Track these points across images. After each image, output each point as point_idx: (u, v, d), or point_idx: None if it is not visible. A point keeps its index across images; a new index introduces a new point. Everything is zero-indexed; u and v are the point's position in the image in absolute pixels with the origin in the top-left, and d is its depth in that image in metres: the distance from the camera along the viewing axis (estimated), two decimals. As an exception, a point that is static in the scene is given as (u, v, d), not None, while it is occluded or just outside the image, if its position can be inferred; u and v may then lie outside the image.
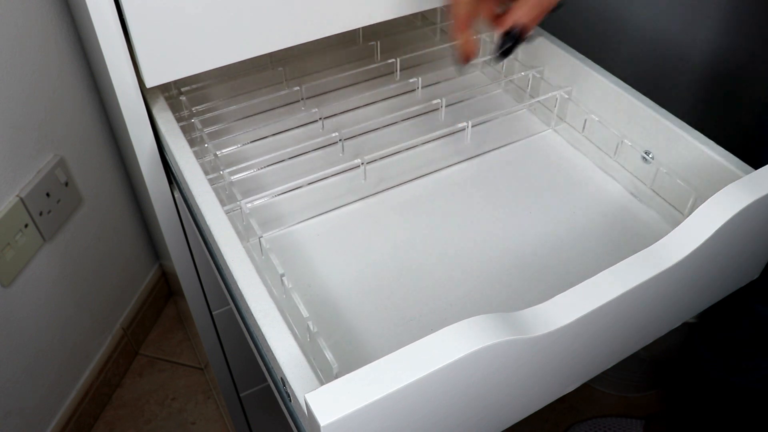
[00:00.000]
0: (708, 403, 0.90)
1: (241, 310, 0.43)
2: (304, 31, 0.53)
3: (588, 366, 0.43)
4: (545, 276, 0.49)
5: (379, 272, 0.50)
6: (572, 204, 0.55)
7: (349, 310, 0.47)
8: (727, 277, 0.48)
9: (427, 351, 0.31)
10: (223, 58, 0.51)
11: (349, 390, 0.30)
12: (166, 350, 1.19)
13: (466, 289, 0.48)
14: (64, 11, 0.83)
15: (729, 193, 0.41)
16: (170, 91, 0.64)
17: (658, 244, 0.39)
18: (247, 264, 0.41)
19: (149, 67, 0.49)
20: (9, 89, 0.77)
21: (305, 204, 0.56)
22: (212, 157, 0.56)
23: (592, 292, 0.36)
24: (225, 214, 0.45)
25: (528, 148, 0.61)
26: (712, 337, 0.83)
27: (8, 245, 0.80)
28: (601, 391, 1.11)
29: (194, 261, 0.65)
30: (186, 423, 1.08)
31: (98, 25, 0.47)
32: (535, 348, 0.35)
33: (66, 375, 0.99)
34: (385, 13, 0.55)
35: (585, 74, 0.59)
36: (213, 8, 0.48)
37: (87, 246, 0.98)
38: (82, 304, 0.99)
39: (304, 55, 0.72)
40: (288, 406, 0.38)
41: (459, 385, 0.33)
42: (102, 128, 0.97)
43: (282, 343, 0.36)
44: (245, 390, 0.84)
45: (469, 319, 0.32)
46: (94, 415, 1.07)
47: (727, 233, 0.40)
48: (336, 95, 0.68)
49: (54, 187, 0.87)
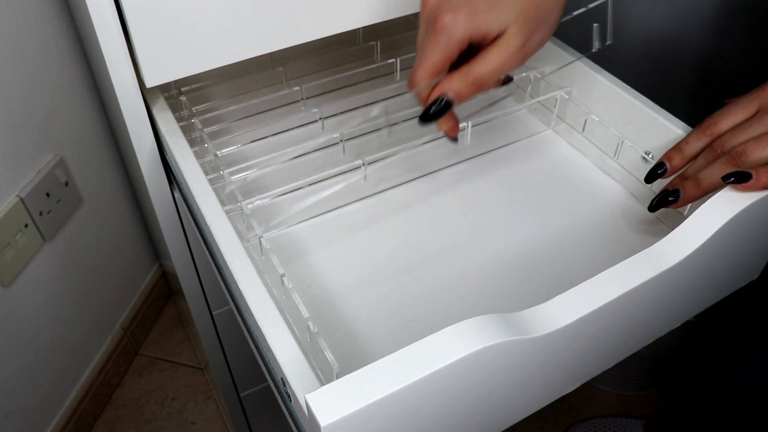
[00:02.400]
0: (708, 402, 0.90)
1: (241, 310, 0.43)
2: (304, 31, 0.53)
3: (588, 366, 0.43)
4: (545, 276, 0.49)
5: (380, 272, 0.50)
6: (572, 204, 0.55)
7: (349, 310, 0.47)
8: (727, 278, 0.48)
9: (428, 351, 0.31)
10: (223, 58, 0.51)
11: (350, 390, 0.30)
12: (166, 350, 1.19)
13: (466, 290, 0.48)
14: (64, 11, 0.83)
15: (729, 193, 0.41)
16: (170, 91, 0.64)
17: (658, 245, 0.39)
18: (247, 264, 0.41)
19: (149, 67, 0.49)
20: (9, 89, 0.77)
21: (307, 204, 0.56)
22: (212, 157, 0.56)
23: (592, 293, 0.36)
24: (225, 214, 0.45)
25: (528, 149, 0.61)
26: (713, 335, 0.83)
27: (8, 245, 0.80)
28: (601, 390, 1.11)
29: (194, 261, 0.65)
30: (186, 423, 1.08)
31: (98, 25, 0.47)
32: (535, 348, 0.35)
33: (66, 375, 0.99)
34: (386, 13, 0.55)
35: (585, 74, 0.59)
36: (213, 8, 0.48)
37: (87, 246, 0.98)
38: (82, 304, 0.99)
39: (304, 55, 0.72)
40: (288, 407, 0.38)
41: (459, 385, 0.33)
42: (102, 128, 0.97)
43: (282, 344, 0.36)
44: (245, 390, 0.84)
45: (469, 319, 0.32)
46: (94, 415, 1.07)
47: (727, 234, 0.40)
48: (336, 95, 0.68)
49: (54, 187, 0.87)
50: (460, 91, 0.43)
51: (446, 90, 0.44)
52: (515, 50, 0.43)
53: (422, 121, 0.45)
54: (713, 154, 0.45)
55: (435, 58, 0.43)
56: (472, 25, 0.42)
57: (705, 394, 0.90)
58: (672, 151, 0.48)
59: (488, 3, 0.42)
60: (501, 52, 0.43)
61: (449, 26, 0.42)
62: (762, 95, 0.45)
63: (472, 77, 0.43)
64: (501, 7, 0.42)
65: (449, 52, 0.43)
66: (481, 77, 0.43)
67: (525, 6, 0.42)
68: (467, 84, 0.43)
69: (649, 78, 0.89)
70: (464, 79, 0.43)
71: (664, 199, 0.47)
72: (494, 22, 0.42)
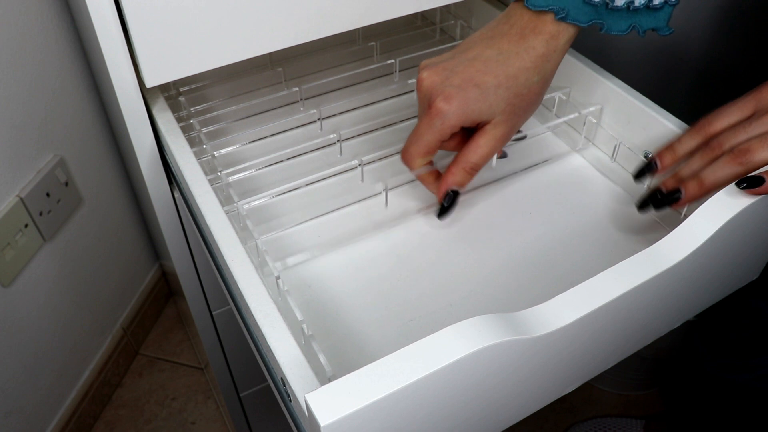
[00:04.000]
0: (708, 402, 0.90)
1: (241, 310, 0.43)
2: (304, 31, 0.53)
3: (588, 366, 0.43)
4: (545, 276, 0.49)
5: (380, 273, 0.50)
6: (572, 204, 0.55)
7: (349, 310, 0.47)
8: (727, 278, 0.48)
9: (428, 351, 0.31)
10: (223, 58, 0.51)
11: (350, 390, 0.30)
12: (166, 350, 1.19)
13: (466, 290, 0.48)
14: (64, 11, 0.83)
15: (728, 193, 0.41)
16: (170, 91, 0.64)
17: (658, 245, 0.39)
18: (247, 264, 0.41)
19: (149, 67, 0.49)
20: (9, 89, 0.77)
21: (303, 205, 0.56)
22: (210, 158, 0.56)
23: (592, 292, 0.36)
24: (225, 214, 0.45)
25: (526, 149, 0.61)
26: (713, 335, 0.83)
27: (8, 245, 0.80)
28: (601, 390, 1.11)
29: (194, 261, 0.65)
30: (186, 423, 1.08)
31: (98, 25, 0.47)
32: (535, 348, 0.35)
33: (66, 375, 0.99)
34: (385, 13, 0.55)
35: (584, 74, 0.59)
36: (213, 8, 0.48)
37: (87, 246, 0.98)
38: (82, 304, 0.99)
39: (304, 55, 0.72)
40: (288, 407, 0.38)
41: (459, 385, 0.33)
42: (102, 128, 0.97)
43: (282, 344, 0.36)
44: (245, 390, 0.84)
45: (469, 319, 0.32)
46: (94, 415, 1.07)
47: (726, 234, 0.40)
48: (335, 96, 0.68)
49: (54, 187, 0.87)
50: (462, 180, 0.49)
51: (450, 184, 0.49)
52: (501, 137, 0.48)
53: (440, 216, 0.51)
54: (711, 153, 0.45)
55: (429, 138, 0.48)
56: (463, 115, 0.46)
57: (705, 394, 0.90)
58: (664, 149, 0.49)
59: (480, 93, 0.46)
60: (489, 140, 0.48)
61: (443, 113, 0.46)
62: (758, 96, 0.45)
63: (468, 167, 0.49)
64: (491, 98, 0.46)
65: (442, 135, 0.48)
66: (475, 164, 0.49)
67: (512, 97, 0.47)
68: (465, 173, 0.49)
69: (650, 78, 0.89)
70: (461, 170, 0.49)
71: (663, 199, 0.47)
72: (485, 112, 0.47)
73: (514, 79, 0.46)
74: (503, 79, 0.46)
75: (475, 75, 0.46)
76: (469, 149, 0.48)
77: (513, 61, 0.46)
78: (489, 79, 0.46)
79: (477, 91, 0.46)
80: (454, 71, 0.47)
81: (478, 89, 0.46)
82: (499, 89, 0.46)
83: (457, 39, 0.74)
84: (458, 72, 0.47)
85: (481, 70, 0.46)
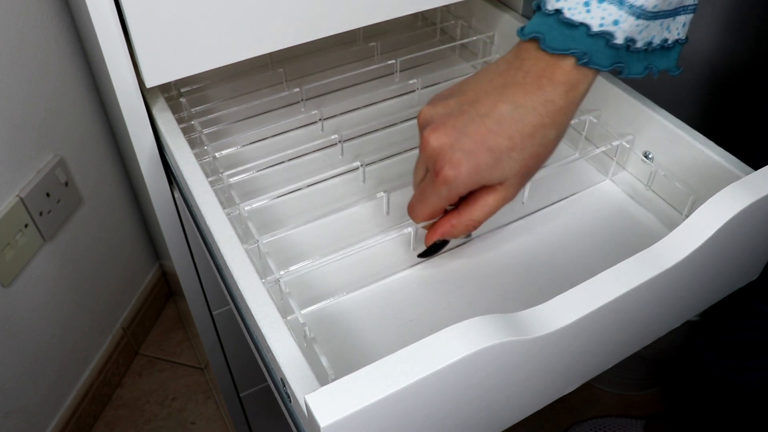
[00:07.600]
0: (709, 402, 0.90)
1: (241, 311, 0.43)
2: (304, 31, 0.53)
3: (588, 366, 0.43)
4: (545, 276, 0.49)
5: (380, 273, 0.50)
6: (572, 205, 0.55)
7: (349, 310, 0.47)
8: (727, 278, 0.48)
9: (428, 352, 0.31)
10: (223, 58, 0.51)
11: (349, 390, 0.30)
12: (166, 350, 1.19)
13: (467, 290, 0.48)
14: (64, 11, 0.83)
15: (729, 193, 0.41)
16: (170, 91, 0.64)
17: (657, 245, 0.39)
18: (248, 265, 0.41)
19: (149, 67, 0.49)
20: (9, 89, 0.77)
21: (304, 206, 0.56)
22: (211, 159, 0.56)
23: (592, 293, 0.36)
24: (225, 214, 0.45)
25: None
26: (714, 335, 0.83)
27: (8, 245, 0.80)
28: (601, 390, 1.11)
29: (194, 261, 0.65)
30: (186, 423, 1.08)
31: (98, 25, 0.47)
32: (535, 348, 0.35)
33: (66, 375, 0.99)
34: (385, 13, 0.55)
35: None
36: (213, 8, 0.48)
37: (87, 246, 0.98)
38: (82, 304, 0.99)
39: (304, 55, 0.72)
40: (288, 407, 0.38)
41: (459, 385, 0.33)
42: (102, 128, 0.97)
43: (282, 344, 0.36)
44: (245, 390, 0.84)
45: (469, 319, 0.32)
46: (95, 415, 1.07)
47: (726, 234, 0.40)
48: (336, 96, 0.68)
49: (54, 187, 0.87)
50: (460, 234, 0.47)
51: (446, 235, 0.47)
52: (511, 197, 0.45)
53: (422, 256, 0.50)
54: None
55: (434, 203, 0.45)
56: (473, 183, 0.43)
57: (706, 394, 0.90)
58: None
59: (493, 159, 0.42)
60: (498, 200, 0.44)
61: (451, 181, 0.42)
62: None
63: (472, 224, 0.46)
64: (505, 162, 0.42)
65: (449, 201, 0.44)
66: (478, 220, 0.45)
67: (528, 159, 0.42)
68: (464, 227, 0.46)
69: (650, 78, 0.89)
70: (464, 226, 0.46)
71: None
72: (496, 178, 0.43)
73: (530, 139, 0.42)
74: (518, 141, 0.41)
75: (488, 137, 0.41)
76: (476, 206, 0.45)
77: (529, 118, 0.41)
78: (503, 141, 0.41)
79: (489, 157, 0.41)
80: (464, 132, 0.42)
81: (491, 154, 0.41)
82: (513, 152, 0.42)
83: (457, 39, 0.74)
84: (468, 134, 0.42)
85: (494, 130, 0.41)
